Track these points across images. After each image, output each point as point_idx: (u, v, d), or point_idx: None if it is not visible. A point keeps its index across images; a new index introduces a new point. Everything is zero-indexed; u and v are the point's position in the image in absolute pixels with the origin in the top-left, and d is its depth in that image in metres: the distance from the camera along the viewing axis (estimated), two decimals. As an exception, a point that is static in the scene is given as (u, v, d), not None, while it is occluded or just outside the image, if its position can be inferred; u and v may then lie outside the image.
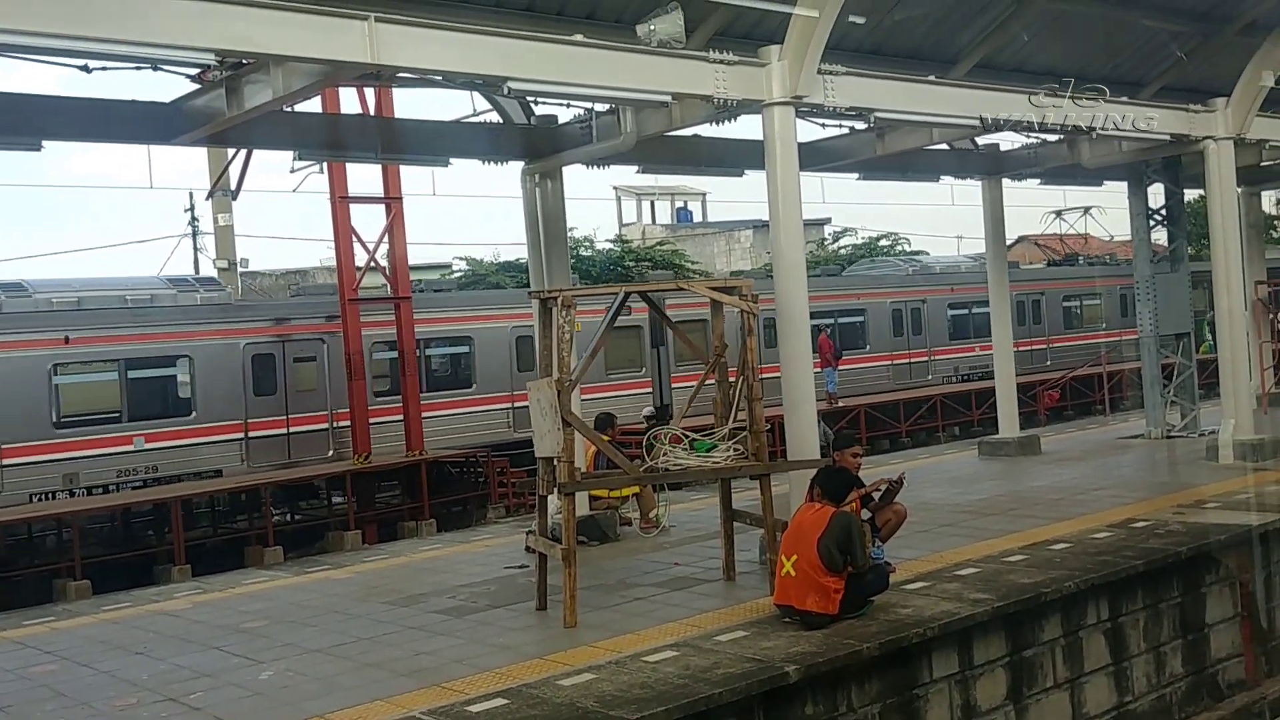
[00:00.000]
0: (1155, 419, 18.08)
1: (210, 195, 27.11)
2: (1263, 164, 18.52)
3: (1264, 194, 27.17)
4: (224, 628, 10.04)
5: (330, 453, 20.82)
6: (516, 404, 22.24)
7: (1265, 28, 15.09)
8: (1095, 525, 11.37)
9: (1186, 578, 10.31)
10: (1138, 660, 9.80)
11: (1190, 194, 20.06)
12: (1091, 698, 9.38)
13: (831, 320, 28.34)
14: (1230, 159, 15.22)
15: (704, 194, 54.98)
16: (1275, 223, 51.01)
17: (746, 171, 14.62)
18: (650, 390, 22.69)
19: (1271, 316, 22.49)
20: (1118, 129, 13.97)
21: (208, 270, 33.07)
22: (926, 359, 30.98)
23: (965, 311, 31.21)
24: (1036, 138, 16.24)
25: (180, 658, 9.03)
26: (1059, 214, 36.73)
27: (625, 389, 23.80)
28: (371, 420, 20.34)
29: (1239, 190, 17.54)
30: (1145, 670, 9.86)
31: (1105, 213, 37.80)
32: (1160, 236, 19.36)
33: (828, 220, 48.00)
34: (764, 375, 9.96)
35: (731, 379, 10.01)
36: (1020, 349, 29.23)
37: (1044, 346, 32.66)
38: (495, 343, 23.15)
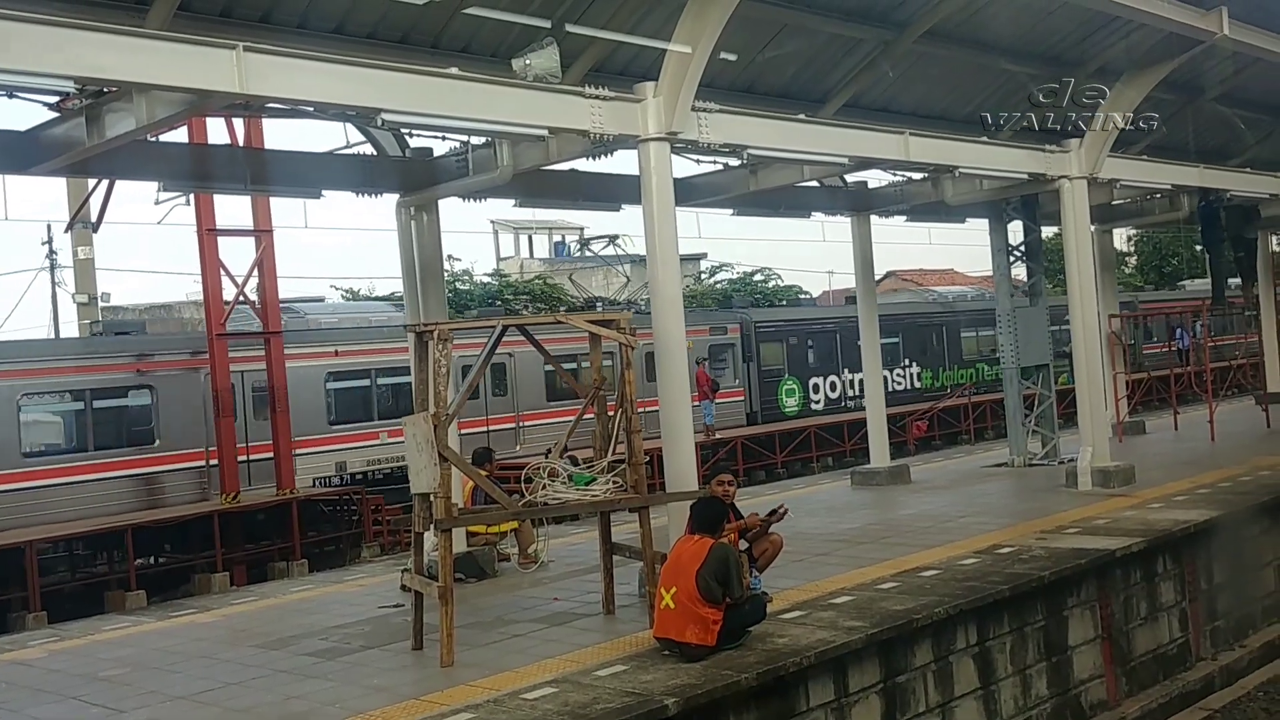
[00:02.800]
0: (1018, 448, 18.68)
1: (69, 227, 26.18)
2: (1114, 202, 19.45)
3: (1116, 231, 28.52)
4: (83, 676, 9.60)
5: None
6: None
7: (1115, 72, 15.86)
8: (963, 552, 11.67)
9: (1050, 602, 10.64)
10: (1005, 683, 10.06)
11: (1047, 231, 20.90)
12: (962, 721, 9.60)
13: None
14: (1084, 197, 15.89)
15: (582, 228, 55.16)
16: (1126, 259, 53.55)
17: (623, 206, 14.74)
18: None
19: (1124, 348, 23.51)
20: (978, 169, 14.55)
21: (66, 305, 31.92)
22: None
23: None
24: (902, 175, 16.75)
25: (36, 709, 8.62)
26: (585, 244, 34.51)
27: None
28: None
29: (1092, 228, 18.30)
30: (1012, 693, 10.13)
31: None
32: (1020, 272, 20.12)
33: (704, 255, 48.63)
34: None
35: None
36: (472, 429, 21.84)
37: (512, 425, 24.55)
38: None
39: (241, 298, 20.45)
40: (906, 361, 33.65)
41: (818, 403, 31.02)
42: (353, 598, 12.33)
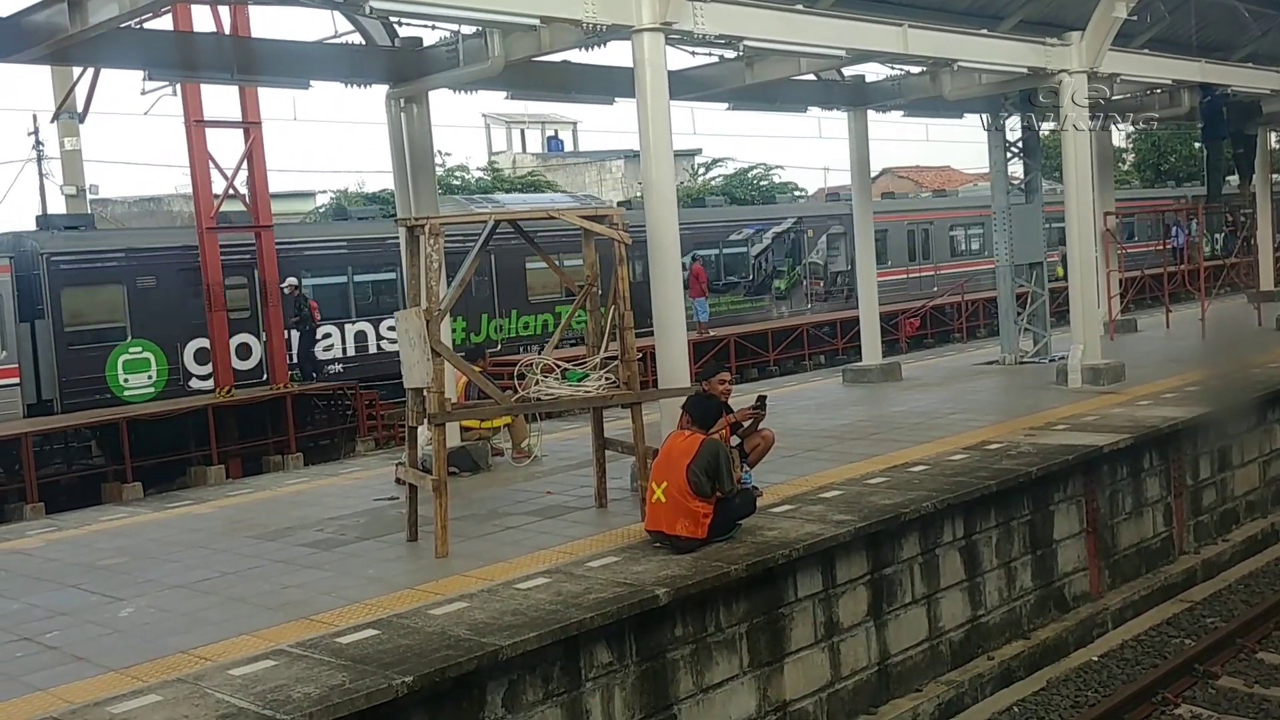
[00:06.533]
0: (1009, 345, 18.75)
1: (55, 118, 25.78)
2: (1114, 97, 19.18)
3: (1115, 128, 28.13)
4: (81, 565, 9.74)
5: None
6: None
7: (1120, -39, 15.50)
8: (952, 448, 11.77)
9: (1036, 496, 10.78)
10: (990, 575, 10.24)
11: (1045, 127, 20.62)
12: (947, 612, 9.78)
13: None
14: (1084, 92, 15.67)
15: (575, 123, 54.64)
16: (1124, 155, 53.07)
17: (617, 99, 14.52)
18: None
19: (1119, 246, 23.43)
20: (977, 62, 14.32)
21: (55, 197, 31.62)
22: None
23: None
24: (900, 69, 16.49)
25: (34, 596, 8.74)
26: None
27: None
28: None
29: (1092, 123, 18.06)
30: (997, 585, 10.31)
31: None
32: (1017, 169, 19.93)
33: (698, 151, 48.23)
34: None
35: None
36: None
37: None
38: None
39: (231, 190, 20.27)
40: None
41: (206, 376, 20.55)
42: (347, 490, 12.45)
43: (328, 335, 22.44)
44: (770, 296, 29.63)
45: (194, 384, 20.46)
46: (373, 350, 22.93)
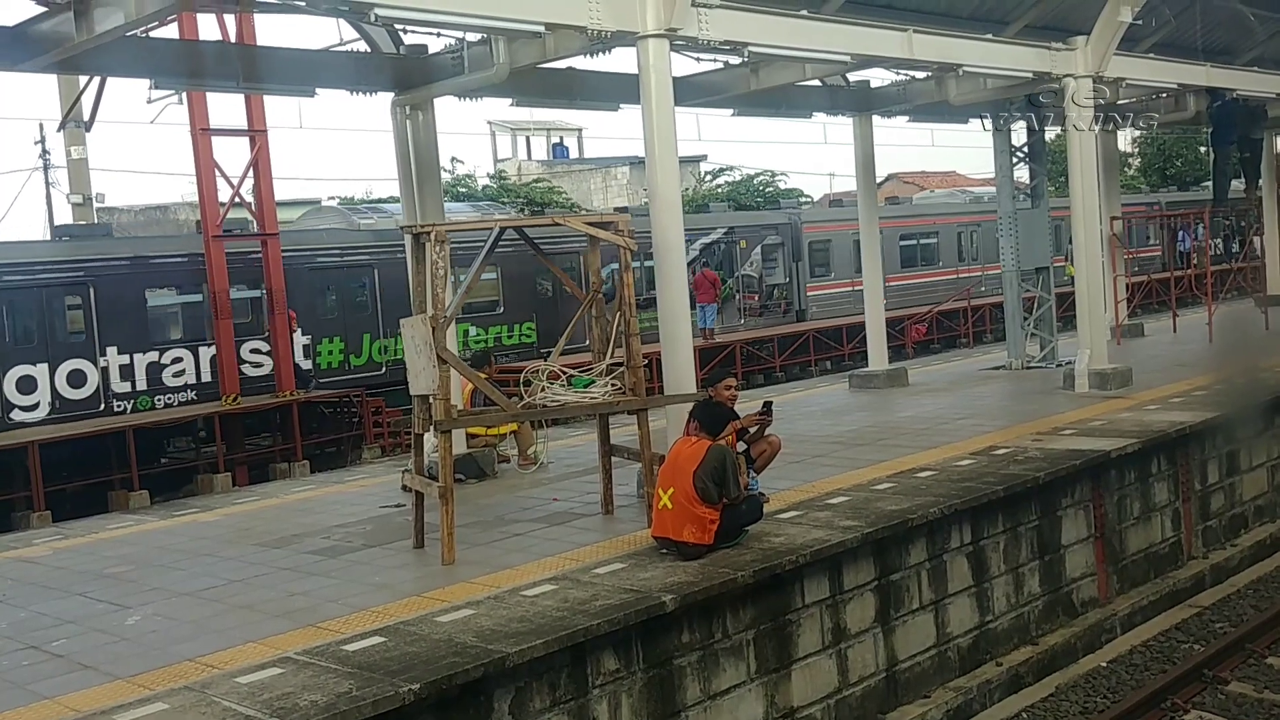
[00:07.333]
0: (1016, 351, 18.71)
1: (62, 126, 25.84)
2: (1120, 102, 19.16)
3: (1120, 132, 28.09)
4: (87, 573, 9.75)
5: None
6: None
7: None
8: (959, 453, 11.75)
9: (1044, 501, 10.75)
10: (998, 581, 10.21)
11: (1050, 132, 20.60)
12: (954, 618, 9.75)
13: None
14: (1089, 97, 15.63)
15: (580, 129, 54.67)
16: (1130, 160, 53.03)
17: (622, 106, 14.53)
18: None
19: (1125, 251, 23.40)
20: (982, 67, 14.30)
21: (61, 206, 31.71)
22: None
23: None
24: (905, 74, 16.48)
25: (41, 605, 8.74)
26: None
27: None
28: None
29: (1096, 128, 18.04)
30: (1005, 590, 10.29)
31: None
32: (1022, 174, 19.93)
33: (704, 157, 48.20)
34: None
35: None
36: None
37: None
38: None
39: (237, 199, 20.32)
40: (303, 332, 21.51)
41: (32, 407, 18.55)
42: (354, 498, 12.45)
43: (179, 359, 20.10)
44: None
45: (16, 415, 18.15)
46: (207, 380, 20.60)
